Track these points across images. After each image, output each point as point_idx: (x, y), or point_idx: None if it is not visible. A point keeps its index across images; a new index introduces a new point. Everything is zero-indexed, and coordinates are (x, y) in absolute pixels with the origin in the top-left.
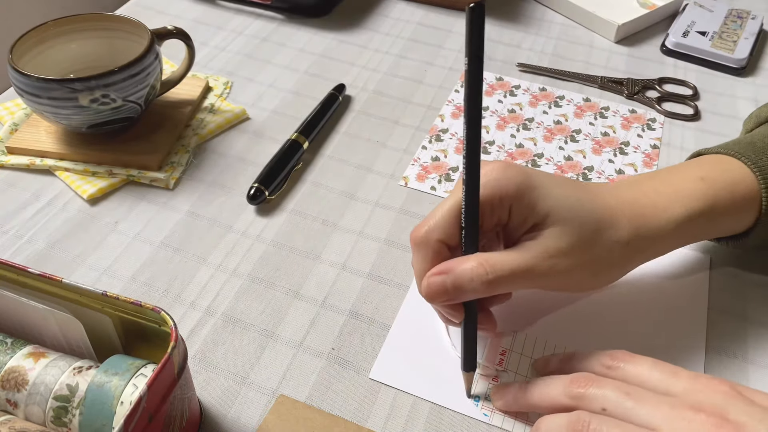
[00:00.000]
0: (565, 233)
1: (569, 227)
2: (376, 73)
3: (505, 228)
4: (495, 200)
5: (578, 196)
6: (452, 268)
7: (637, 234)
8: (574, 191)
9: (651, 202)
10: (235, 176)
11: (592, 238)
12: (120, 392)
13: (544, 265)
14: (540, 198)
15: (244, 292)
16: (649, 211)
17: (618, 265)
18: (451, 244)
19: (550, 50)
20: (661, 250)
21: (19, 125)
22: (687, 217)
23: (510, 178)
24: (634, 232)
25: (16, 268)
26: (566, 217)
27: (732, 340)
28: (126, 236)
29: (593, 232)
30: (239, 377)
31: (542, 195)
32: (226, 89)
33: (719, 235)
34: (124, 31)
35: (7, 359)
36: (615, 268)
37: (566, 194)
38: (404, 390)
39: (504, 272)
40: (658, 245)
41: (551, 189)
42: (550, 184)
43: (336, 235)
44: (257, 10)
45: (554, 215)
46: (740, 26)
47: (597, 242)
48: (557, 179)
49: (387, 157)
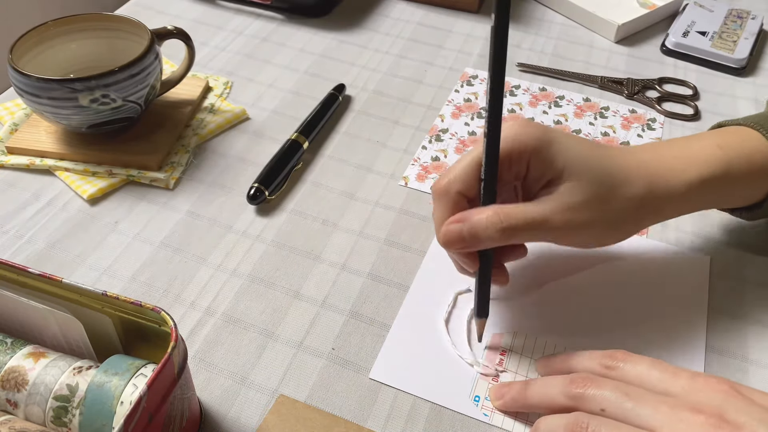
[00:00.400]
0: (580, 188)
1: (585, 182)
2: (376, 73)
3: (523, 182)
4: (514, 154)
5: (595, 153)
6: (469, 216)
7: (652, 193)
8: (591, 149)
9: (667, 164)
10: (235, 176)
11: (606, 194)
12: (120, 392)
13: (559, 218)
14: (557, 153)
15: (244, 292)
16: (665, 173)
17: (631, 222)
18: (470, 195)
19: (550, 50)
20: (675, 211)
21: (19, 125)
22: (701, 181)
23: (529, 133)
24: (648, 191)
25: (16, 268)
26: (582, 172)
27: (732, 340)
28: (126, 236)
29: (608, 188)
30: (239, 377)
31: (560, 150)
32: (226, 89)
33: (733, 205)
34: (124, 31)
35: (7, 359)
36: (628, 225)
37: (583, 151)
38: (404, 390)
39: (518, 222)
40: (671, 206)
41: (569, 145)
42: (568, 140)
43: (336, 235)
44: (257, 10)
45: (570, 170)
46: (740, 26)
47: (611, 198)
48: (575, 137)
49: (387, 157)
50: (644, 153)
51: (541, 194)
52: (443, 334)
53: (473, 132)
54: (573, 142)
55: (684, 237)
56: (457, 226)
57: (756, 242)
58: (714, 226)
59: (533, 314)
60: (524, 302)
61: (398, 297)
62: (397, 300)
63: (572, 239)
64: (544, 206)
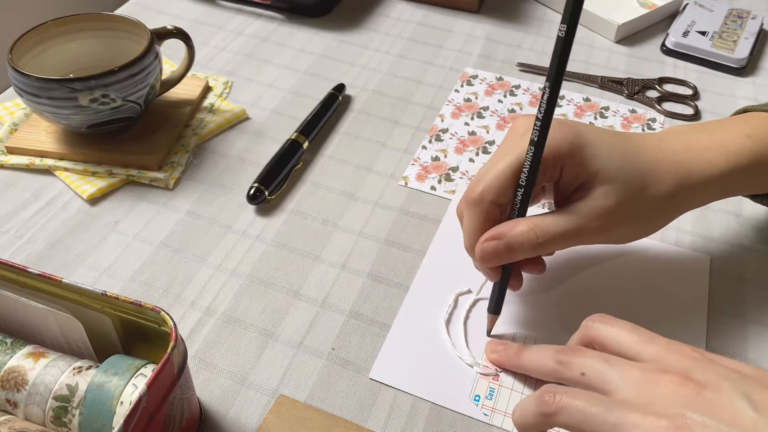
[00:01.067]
0: (613, 192)
1: (617, 186)
2: (376, 73)
3: (556, 184)
4: (549, 160)
5: (627, 152)
6: (504, 233)
7: (682, 186)
8: (623, 147)
9: (696, 155)
10: (235, 176)
11: (638, 195)
12: (120, 392)
13: (593, 225)
14: (590, 157)
15: (244, 292)
16: (694, 165)
17: (662, 216)
18: (501, 202)
19: (550, 50)
20: (704, 200)
21: (18, 125)
22: (730, 171)
23: (564, 137)
24: (678, 185)
25: (16, 268)
26: (615, 175)
27: (732, 340)
28: (126, 236)
29: (639, 188)
30: (239, 377)
31: (593, 154)
32: (226, 89)
33: (760, 191)
34: (124, 31)
35: (7, 359)
36: (659, 220)
37: (616, 152)
38: (404, 390)
39: (554, 236)
40: (700, 196)
41: (601, 147)
42: (600, 141)
43: (336, 235)
44: (257, 10)
45: (603, 174)
46: (740, 26)
47: (644, 197)
48: (606, 135)
49: (387, 157)
50: (675, 143)
51: (573, 198)
52: (443, 335)
53: (473, 132)
54: (605, 143)
55: (684, 237)
56: (493, 243)
57: (756, 242)
58: (714, 226)
59: (532, 316)
60: (523, 304)
61: (398, 297)
62: (397, 300)
63: (605, 240)
64: (578, 215)
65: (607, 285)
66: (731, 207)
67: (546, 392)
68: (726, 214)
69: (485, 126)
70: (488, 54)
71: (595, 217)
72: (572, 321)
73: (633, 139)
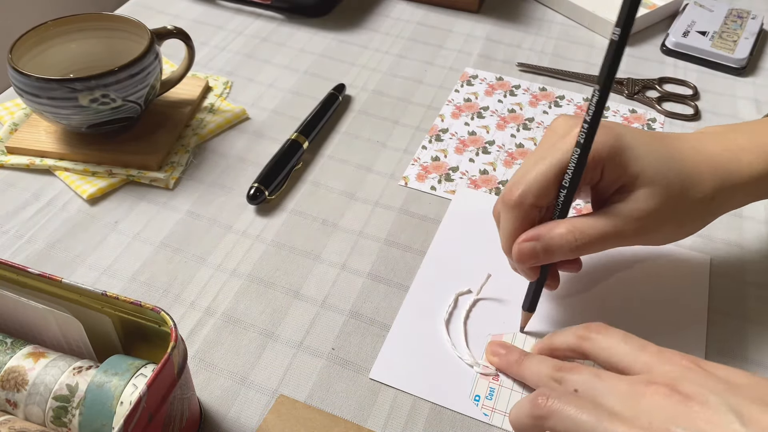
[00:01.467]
0: (653, 195)
1: (657, 189)
2: (376, 73)
3: (596, 186)
4: (590, 163)
5: (665, 154)
6: (542, 234)
7: (722, 188)
8: (661, 149)
9: (735, 156)
10: (235, 176)
11: (678, 198)
12: (120, 392)
13: (632, 227)
14: (631, 159)
15: (244, 292)
16: (734, 166)
17: (702, 219)
18: (541, 205)
19: (550, 50)
20: (743, 202)
21: (19, 125)
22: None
23: (605, 140)
24: (718, 187)
25: (16, 268)
26: (656, 179)
27: (732, 340)
28: (126, 236)
29: (680, 191)
30: (239, 377)
31: (633, 157)
32: (226, 89)
33: None
34: (124, 31)
35: (7, 359)
36: (698, 222)
37: (656, 155)
38: (404, 390)
39: (593, 238)
40: (740, 198)
41: (641, 149)
42: (640, 143)
43: (336, 235)
44: (257, 10)
45: (643, 177)
46: (740, 26)
47: (684, 201)
48: (645, 137)
49: (387, 157)
50: (713, 145)
51: (613, 199)
52: (443, 335)
53: (473, 132)
54: (645, 146)
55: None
56: (530, 244)
57: (756, 242)
58: (714, 226)
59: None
60: None
61: (398, 297)
62: (397, 300)
63: (644, 242)
64: (616, 217)
65: (607, 284)
66: None
67: (540, 395)
68: (726, 215)
69: (485, 126)
70: (488, 54)
71: (634, 220)
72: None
73: (671, 141)
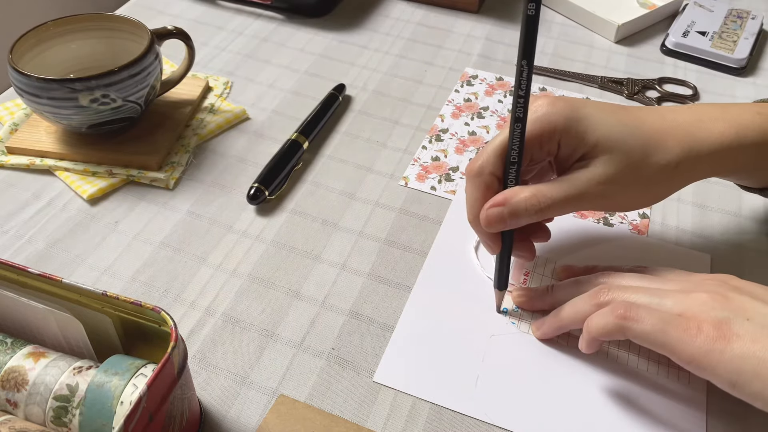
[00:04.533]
0: (613, 160)
1: (617, 154)
2: (376, 73)
3: (556, 158)
4: (544, 135)
5: (626, 122)
6: (508, 199)
7: (688, 155)
8: (623, 119)
9: (704, 125)
10: (235, 176)
11: (640, 163)
12: (120, 392)
13: (594, 191)
14: (588, 129)
15: (244, 292)
16: (703, 134)
17: (667, 186)
18: (499, 174)
19: (550, 50)
20: (709, 172)
21: (19, 125)
22: (739, 144)
23: (558, 112)
24: (684, 154)
25: (16, 268)
26: (615, 145)
27: None
28: (126, 236)
29: (641, 156)
30: (239, 377)
31: (590, 126)
32: (226, 89)
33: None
34: (124, 31)
35: (7, 359)
36: (663, 189)
37: (615, 123)
38: (410, 393)
39: (555, 201)
40: (706, 167)
41: (598, 118)
42: (597, 113)
43: (336, 235)
44: (257, 10)
45: (603, 144)
46: (740, 26)
47: (645, 166)
48: (604, 107)
49: (387, 157)
50: (681, 114)
51: (574, 168)
52: (473, 258)
53: (473, 132)
54: (604, 115)
55: (684, 237)
56: (497, 209)
57: (756, 242)
58: (714, 225)
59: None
60: None
61: (398, 297)
62: (398, 300)
63: (608, 207)
64: (579, 182)
65: None
66: (731, 207)
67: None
68: (726, 214)
69: (485, 126)
70: (488, 54)
71: (595, 184)
72: None
73: (635, 111)
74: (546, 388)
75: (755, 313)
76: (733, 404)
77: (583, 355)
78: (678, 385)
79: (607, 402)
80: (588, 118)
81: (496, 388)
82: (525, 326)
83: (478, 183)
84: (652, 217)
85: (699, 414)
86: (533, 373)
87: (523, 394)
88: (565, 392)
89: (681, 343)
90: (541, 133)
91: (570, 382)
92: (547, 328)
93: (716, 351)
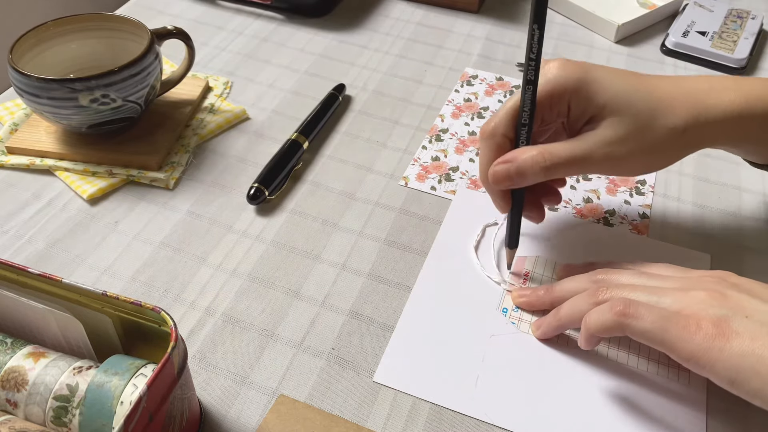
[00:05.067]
0: (621, 122)
1: (625, 116)
2: (376, 73)
3: (566, 120)
4: (555, 96)
5: (636, 86)
6: (516, 157)
7: (696, 121)
8: (631, 82)
9: (715, 93)
10: (235, 176)
11: (648, 126)
12: (120, 392)
13: (600, 152)
14: (597, 91)
15: (244, 292)
16: (712, 101)
17: (673, 150)
18: (512, 136)
19: (550, 50)
20: (717, 140)
21: (19, 125)
22: (749, 113)
23: (568, 74)
24: (692, 120)
25: (16, 268)
26: (623, 107)
27: None
28: (126, 236)
29: (649, 119)
30: (239, 377)
31: (600, 88)
32: (226, 89)
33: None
34: (124, 31)
35: (7, 359)
36: (670, 154)
37: (625, 86)
38: (410, 393)
39: (561, 159)
40: (714, 135)
41: (608, 81)
42: (607, 76)
43: (336, 235)
44: (257, 10)
45: (611, 106)
46: (740, 26)
47: (653, 129)
48: (616, 72)
49: (387, 157)
50: (693, 82)
51: (584, 130)
52: (473, 258)
53: (473, 132)
54: (614, 77)
55: (684, 236)
56: (504, 166)
57: (756, 242)
58: (714, 225)
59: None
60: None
61: (398, 297)
62: (398, 300)
63: (614, 170)
64: (586, 142)
65: None
66: (731, 207)
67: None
68: (726, 214)
69: None
70: (488, 54)
71: (602, 145)
72: None
73: (645, 77)
74: (546, 387)
75: (754, 311)
76: (733, 404)
77: (583, 355)
78: (678, 385)
79: (607, 402)
80: (598, 80)
81: (496, 388)
82: (525, 326)
83: (491, 144)
84: (652, 217)
85: (699, 414)
86: (533, 373)
87: (523, 394)
88: (565, 392)
89: (680, 340)
90: (551, 94)
91: (570, 382)
92: (546, 327)
93: (715, 348)
